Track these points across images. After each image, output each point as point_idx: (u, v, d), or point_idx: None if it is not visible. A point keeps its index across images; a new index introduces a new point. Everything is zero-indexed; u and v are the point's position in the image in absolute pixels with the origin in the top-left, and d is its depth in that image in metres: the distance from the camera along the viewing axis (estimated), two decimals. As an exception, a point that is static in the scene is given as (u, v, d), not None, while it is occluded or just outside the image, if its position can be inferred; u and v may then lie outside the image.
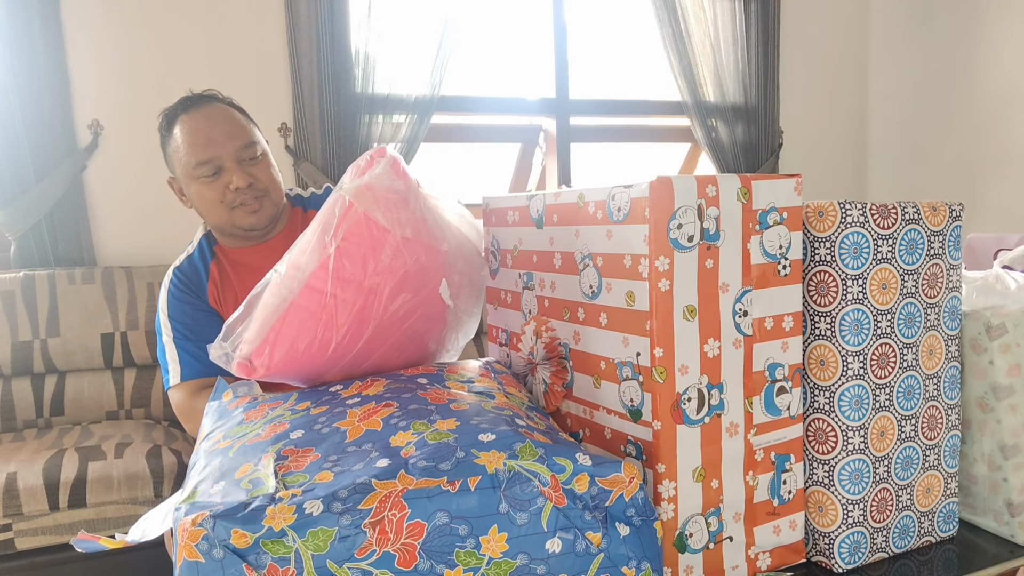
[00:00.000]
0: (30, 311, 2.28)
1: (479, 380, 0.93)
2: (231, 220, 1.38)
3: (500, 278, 1.10)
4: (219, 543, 0.63)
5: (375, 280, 0.87)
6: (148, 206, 2.61)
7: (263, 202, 1.38)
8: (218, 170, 1.34)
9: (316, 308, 0.85)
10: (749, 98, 3.38)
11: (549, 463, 0.73)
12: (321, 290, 0.85)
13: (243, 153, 1.35)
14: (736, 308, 0.83)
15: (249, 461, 0.74)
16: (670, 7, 3.19)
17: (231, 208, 1.36)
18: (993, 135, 3.24)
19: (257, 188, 1.37)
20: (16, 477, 1.84)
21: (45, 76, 2.42)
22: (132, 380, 2.40)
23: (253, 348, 0.86)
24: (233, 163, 1.34)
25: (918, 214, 0.89)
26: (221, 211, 1.37)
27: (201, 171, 1.33)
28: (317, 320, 0.86)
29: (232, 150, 1.34)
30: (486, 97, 3.14)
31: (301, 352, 0.87)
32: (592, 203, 0.87)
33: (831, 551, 0.89)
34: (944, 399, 0.94)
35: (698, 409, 0.81)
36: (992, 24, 3.22)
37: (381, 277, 0.87)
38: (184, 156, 1.34)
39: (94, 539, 0.73)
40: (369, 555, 0.66)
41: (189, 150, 1.33)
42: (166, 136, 1.38)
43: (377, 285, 0.87)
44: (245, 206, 1.36)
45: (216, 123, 1.35)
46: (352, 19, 2.73)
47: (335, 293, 0.85)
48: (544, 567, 0.70)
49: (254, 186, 1.36)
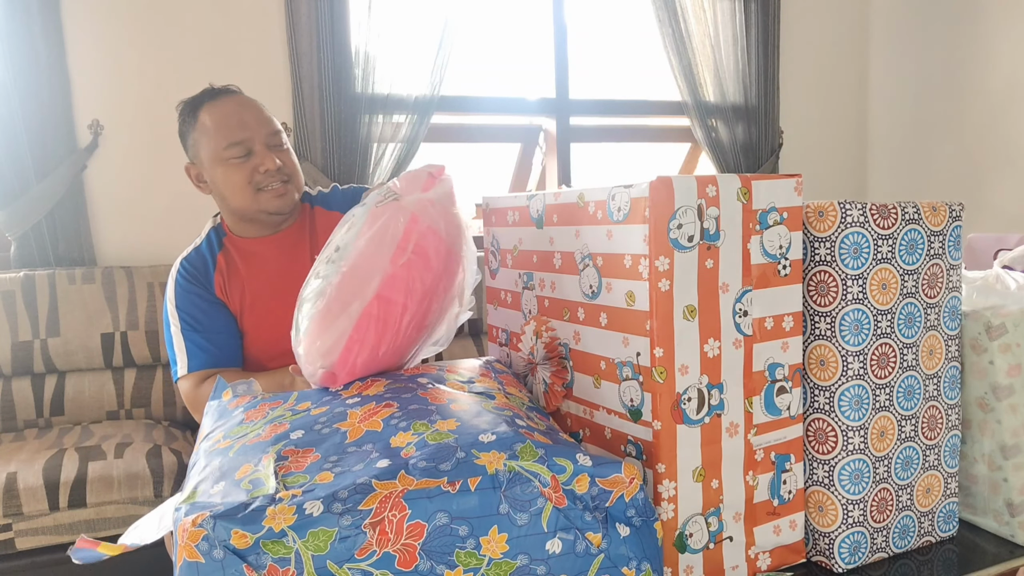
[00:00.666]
0: (30, 311, 2.28)
1: (479, 380, 0.93)
2: (257, 203, 1.40)
3: (500, 278, 1.10)
4: (219, 543, 0.63)
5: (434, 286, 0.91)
6: (148, 206, 2.61)
7: (288, 187, 1.42)
8: (248, 152, 1.38)
9: (388, 316, 0.88)
10: (749, 98, 3.38)
11: (549, 464, 0.73)
12: (393, 300, 0.88)
13: (272, 139, 1.40)
14: (736, 308, 0.83)
15: (249, 461, 0.74)
16: (670, 7, 3.19)
17: (258, 190, 1.39)
18: (993, 135, 3.24)
19: (284, 172, 1.41)
20: (16, 477, 1.84)
21: (45, 76, 2.42)
22: (132, 380, 2.40)
23: (335, 360, 0.88)
24: (263, 147, 1.38)
25: (918, 214, 0.89)
26: (247, 193, 1.39)
27: (232, 152, 1.37)
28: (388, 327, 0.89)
29: (263, 135, 1.39)
30: (486, 97, 3.14)
31: (380, 357, 0.90)
32: (592, 203, 0.87)
33: (831, 551, 0.89)
34: (944, 399, 0.94)
35: (698, 409, 0.81)
36: (992, 24, 3.22)
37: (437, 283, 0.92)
38: (214, 138, 1.38)
39: (92, 547, 0.72)
40: (369, 556, 0.66)
41: (220, 132, 1.37)
42: (189, 122, 1.41)
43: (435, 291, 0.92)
44: (272, 189, 1.40)
45: (247, 109, 1.41)
46: (352, 19, 2.73)
47: (406, 304, 0.88)
48: (544, 568, 0.70)
49: (282, 170, 1.40)
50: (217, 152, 1.38)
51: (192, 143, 1.42)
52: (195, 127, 1.40)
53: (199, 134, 1.40)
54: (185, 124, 1.43)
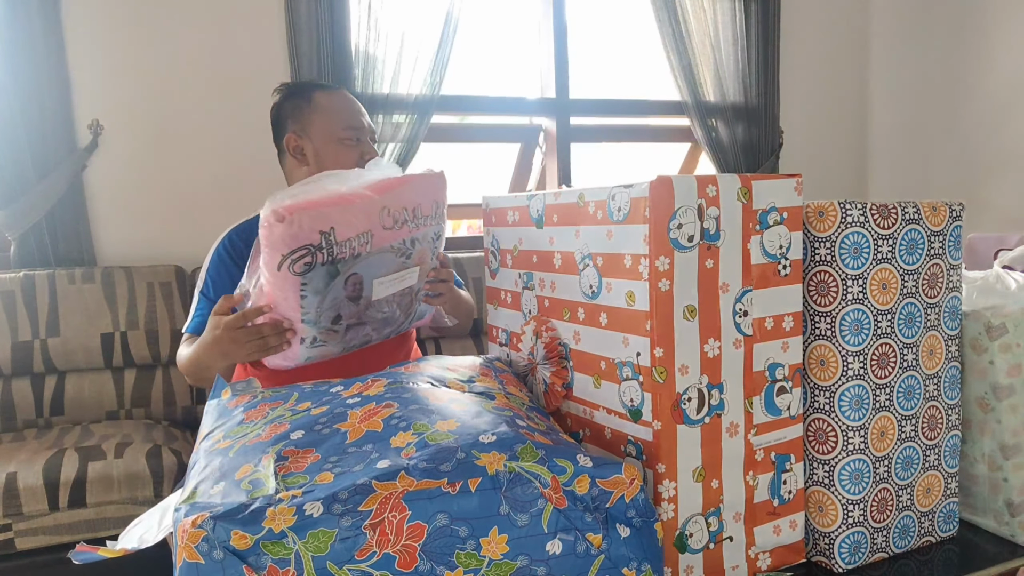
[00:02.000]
0: (30, 311, 2.28)
1: (480, 380, 0.93)
2: None
3: (500, 278, 1.10)
4: (219, 544, 0.63)
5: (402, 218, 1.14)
6: (148, 206, 2.61)
7: None
8: (359, 140, 1.51)
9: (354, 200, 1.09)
10: (749, 98, 3.38)
11: (550, 464, 0.73)
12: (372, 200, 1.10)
13: (372, 137, 1.56)
14: (736, 308, 0.83)
15: (249, 462, 0.74)
16: (670, 7, 3.19)
17: None
18: (993, 135, 3.24)
19: None
20: (16, 477, 1.84)
21: (45, 76, 2.42)
22: (132, 380, 2.40)
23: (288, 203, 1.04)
24: (368, 139, 1.53)
25: (918, 214, 0.89)
26: None
27: (348, 134, 1.49)
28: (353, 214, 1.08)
29: (369, 131, 1.55)
30: (486, 97, 3.14)
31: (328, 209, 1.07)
32: (592, 203, 0.87)
33: (831, 551, 0.89)
34: (944, 399, 0.94)
35: (698, 409, 0.81)
36: (992, 24, 3.22)
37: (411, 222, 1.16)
38: (336, 118, 1.50)
39: (93, 550, 0.73)
40: (369, 557, 0.66)
41: (341, 115, 1.51)
42: (301, 101, 1.52)
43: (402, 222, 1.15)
44: None
45: (358, 106, 1.55)
46: (352, 19, 2.73)
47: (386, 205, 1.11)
48: (544, 568, 0.70)
49: None
50: (335, 131, 1.49)
51: (305, 119, 1.52)
52: (309, 106, 1.52)
53: (313, 112, 1.51)
54: (290, 102, 1.53)
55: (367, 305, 1.17)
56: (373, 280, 1.15)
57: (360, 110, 1.55)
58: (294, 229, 1.04)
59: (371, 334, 1.24)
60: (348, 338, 1.20)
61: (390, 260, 1.15)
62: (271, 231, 1.05)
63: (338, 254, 1.07)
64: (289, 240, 1.04)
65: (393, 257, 1.16)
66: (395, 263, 1.17)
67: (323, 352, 1.19)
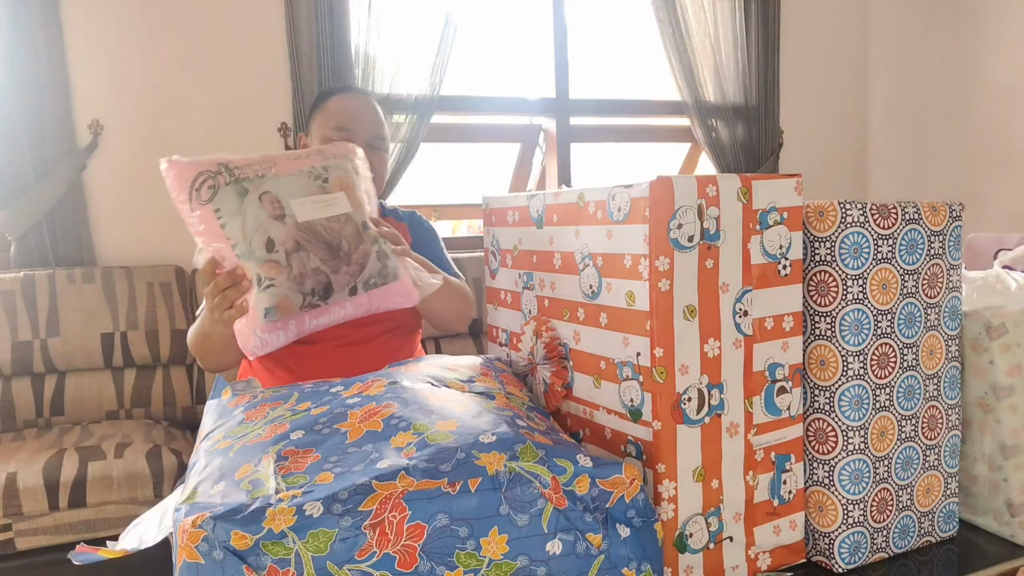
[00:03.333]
0: (30, 311, 2.28)
1: (480, 380, 0.93)
2: None
3: (500, 278, 1.10)
4: (219, 544, 0.63)
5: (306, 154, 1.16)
6: (148, 206, 2.61)
7: None
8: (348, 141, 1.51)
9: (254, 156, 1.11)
10: (749, 98, 3.38)
11: (550, 464, 0.73)
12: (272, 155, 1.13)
13: (373, 140, 1.54)
14: (736, 308, 0.83)
15: (249, 462, 0.74)
16: (670, 7, 3.19)
17: None
18: (993, 135, 3.24)
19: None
20: (16, 477, 1.84)
21: (45, 76, 2.42)
22: (132, 380, 2.40)
23: None
24: (363, 142, 1.48)
25: (918, 214, 0.89)
26: None
27: (336, 135, 1.50)
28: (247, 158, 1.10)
29: (367, 132, 1.53)
30: (486, 97, 3.14)
31: None
32: (592, 203, 0.87)
33: (831, 551, 0.89)
34: (944, 399, 0.94)
35: (698, 409, 0.81)
36: (992, 24, 3.22)
37: None
38: (329, 118, 1.53)
39: (92, 551, 0.73)
40: (369, 557, 0.66)
41: (333, 116, 1.53)
42: (318, 104, 1.58)
43: None
44: None
45: (365, 109, 1.56)
46: (352, 19, 2.73)
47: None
48: (544, 569, 0.70)
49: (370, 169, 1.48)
50: (325, 132, 1.52)
51: (312, 123, 1.58)
52: (321, 108, 1.57)
53: (319, 112, 1.56)
54: (315, 105, 1.59)
55: (296, 226, 1.08)
56: (291, 200, 1.09)
57: (357, 113, 1.54)
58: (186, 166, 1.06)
59: (323, 268, 1.09)
60: (296, 272, 1.07)
61: (305, 182, 1.11)
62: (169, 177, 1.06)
63: (240, 175, 1.07)
64: (187, 173, 1.05)
65: (307, 180, 1.11)
66: (312, 186, 1.11)
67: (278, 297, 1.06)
